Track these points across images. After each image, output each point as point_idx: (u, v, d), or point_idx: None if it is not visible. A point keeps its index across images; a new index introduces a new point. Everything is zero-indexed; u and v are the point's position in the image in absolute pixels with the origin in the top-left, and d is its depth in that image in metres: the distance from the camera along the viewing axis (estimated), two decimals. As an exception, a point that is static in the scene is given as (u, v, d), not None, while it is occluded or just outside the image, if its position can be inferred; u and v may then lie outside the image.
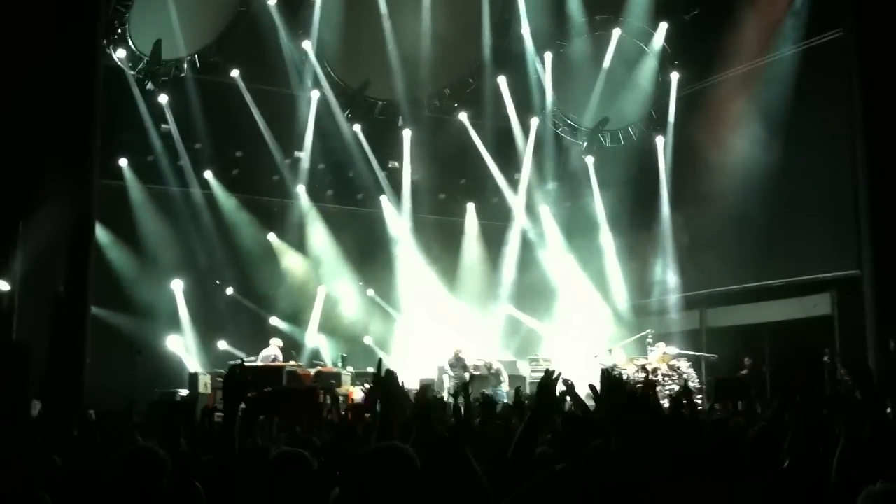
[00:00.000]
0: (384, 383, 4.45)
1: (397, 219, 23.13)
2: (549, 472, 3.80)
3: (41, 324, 15.40)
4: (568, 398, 6.91)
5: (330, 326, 21.95)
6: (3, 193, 15.94)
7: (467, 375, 19.27)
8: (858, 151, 17.38)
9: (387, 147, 23.17)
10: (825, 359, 17.86)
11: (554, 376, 4.20)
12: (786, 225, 19.59)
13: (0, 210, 15.96)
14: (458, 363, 19.50)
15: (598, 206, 23.39)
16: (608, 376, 4.16)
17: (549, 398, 4.14)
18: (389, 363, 5.11)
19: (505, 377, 19.45)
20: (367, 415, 6.72)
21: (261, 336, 20.06)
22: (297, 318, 21.76)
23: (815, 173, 19.29)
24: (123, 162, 20.33)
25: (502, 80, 23.05)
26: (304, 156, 22.08)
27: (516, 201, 23.76)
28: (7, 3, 15.97)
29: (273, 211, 22.31)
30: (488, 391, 17.52)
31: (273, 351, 18.96)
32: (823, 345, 18.22)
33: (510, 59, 23.06)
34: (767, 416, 9.11)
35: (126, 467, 3.93)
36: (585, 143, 23.97)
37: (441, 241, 23.14)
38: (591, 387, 6.28)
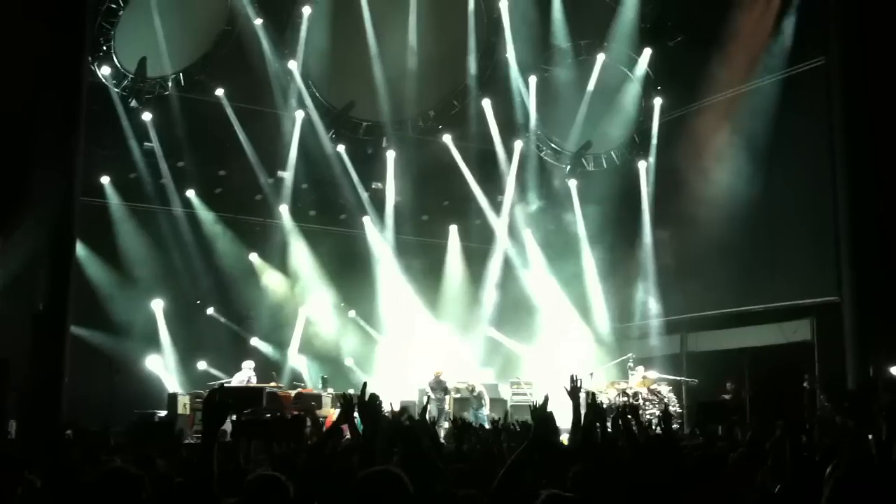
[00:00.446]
0: (369, 406, 4.46)
1: (380, 240, 23.11)
2: (542, 495, 3.80)
3: (20, 341, 15.25)
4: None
5: (311, 347, 21.87)
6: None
7: (447, 398, 19.23)
8: (839, 178, 17.54)
9: (370, 168, 23.17)
10: (805, 384, 17.95)
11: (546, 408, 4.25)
12: (767, 251, 19.73)
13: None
14: (438, 385, 19.46)
15: (581, 230, 23.46)
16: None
17: (548, 431, 4.18)
18: (372, 386, 5.11)
19: (487, 400, 19.41)
20: (346, 436, 6.67)
21: (241, 356, 19.96)
22: (278, 338, 21.67)
23: (796, 200, 19.46)
24: (105, 179, 20.23)
25: (487, 103, 23.14)
26: (288, 175, 22.05)
27: (499, 223, 23.79)
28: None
29: (255, 230, 22.23)
30: (469, 414, 17.48)
31: (247, 374, 18.76)
32: (803, 370, 18.31)
33: (495, 81, 23.17)
34: (747, 441, 9.12)
35: (102, 488, 3.88)
36: (568, 167, 24.08)
37: (423, 263, 23.14)
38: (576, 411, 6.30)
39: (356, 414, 4.78)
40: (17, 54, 15.88)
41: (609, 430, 6.35)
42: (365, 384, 4.79)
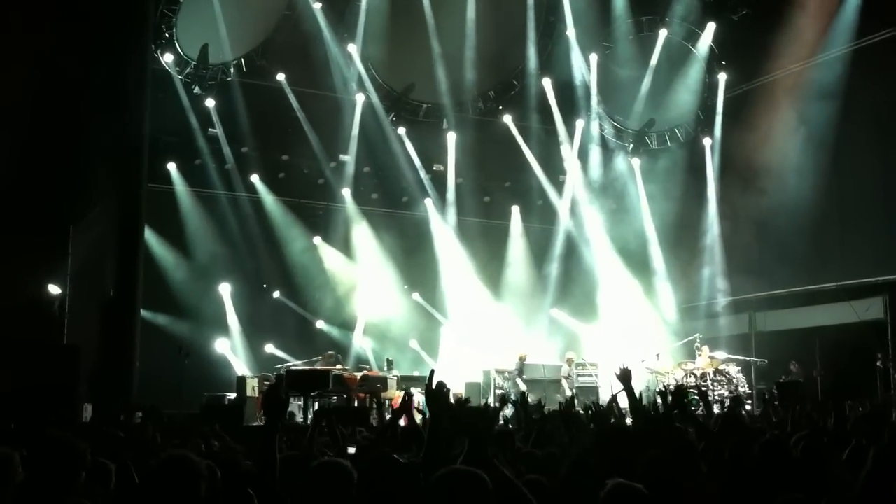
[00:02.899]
0: (435, 395, 4.46)
1: (442, 222, 23.10)
2: (609, 485, 3.80)
3: (92, 327, 15.58)
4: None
5: (375, 330, 21.98)
6: (55, 198, 16.19)
7: (521, 383, 19.10)
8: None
9: (431, 150, 23.13)
10: (878, 363, 17.57)
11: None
12: (837, 227, 19.31)
13: (51, 214, 16.22)
14: (521, 370, 19.37)
15: (645, 209, 23.19)
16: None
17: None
18: (439, 373, 5.09)
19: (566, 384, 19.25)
20: (403, 422, 6.75)
21: (307, 339, 20.17)
22: (343, 321, 21.84)
23: (868, 175, 19.01)
24: (171, 166, 20.52)
25: (547, 83, 22.93)
26: (350, 159, 22.13)
27: (561, 204, 23.62)
28: (57, 11, 16.21)
29: (318, 214, 22.40)
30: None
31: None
32: (876, 349, 17.91)
33: (555, 61, 22.95)
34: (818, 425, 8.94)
35: (163, 475, 3.90)
36: (631, 145, 23.79)
37: (486, 244, 23.08)
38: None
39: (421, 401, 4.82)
40: (82, 45, 16.14)
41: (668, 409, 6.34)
42: (432, 372, 4.78)
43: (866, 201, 19.03)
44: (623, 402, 8.55)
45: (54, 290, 16.19)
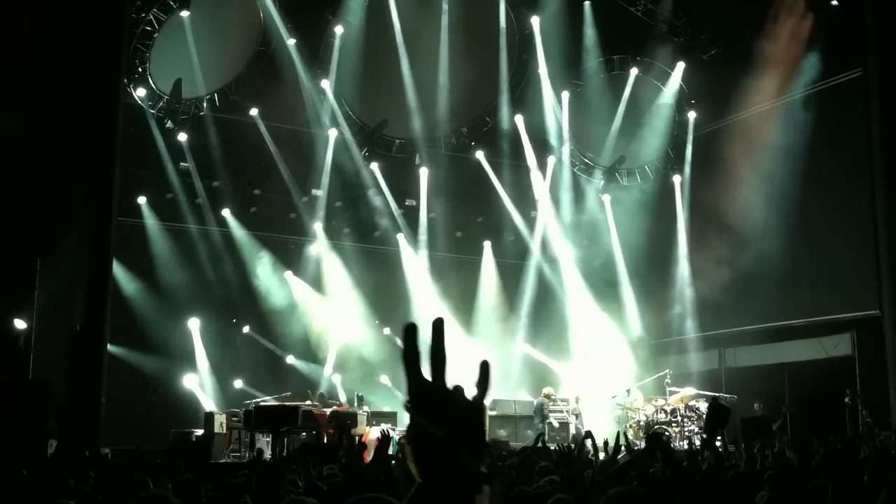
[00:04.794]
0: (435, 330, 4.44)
1: (414, 257, 23.11)
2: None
3: (59, 362, 15.40)
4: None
5: (346, 365, 21.87)
6: (23, 231, 16.05)
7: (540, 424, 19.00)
8: (878, 189, 17.30)
9: (404, 185, 23.20)
10: (846, 399, 17.70)
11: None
12: (805, 265, 19.49)
13: (19, 248, 16.06)
14: (544, 408, 19.32)
15: (616, 244, 23.32)
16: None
17: None
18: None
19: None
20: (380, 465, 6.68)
21: (277, 374, 20.03)
22: (313, 356, 21.72)
23: (835, 212, 19.24)
24: (142, 200, 20.44)
25: (519, 119, 23.11)
26: (322, 194, 22.14)
27: (533, 239, 23.72)
28: (30, 42, 16.16)
29: (290, 249, 22.35)
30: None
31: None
32: (844, 385, 18.04)
33: (527, 98, 23.14)
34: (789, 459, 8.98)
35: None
36: (602, 182, 23.97)
37: (458, 279, 23.08)
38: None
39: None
40: (55, 78, 16.10)
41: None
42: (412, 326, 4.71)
43: (835, 239, 19.25)
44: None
45: (20, 324, 16.00)
